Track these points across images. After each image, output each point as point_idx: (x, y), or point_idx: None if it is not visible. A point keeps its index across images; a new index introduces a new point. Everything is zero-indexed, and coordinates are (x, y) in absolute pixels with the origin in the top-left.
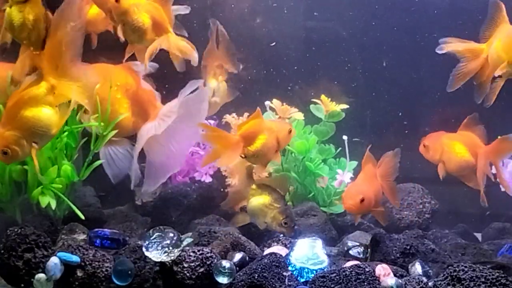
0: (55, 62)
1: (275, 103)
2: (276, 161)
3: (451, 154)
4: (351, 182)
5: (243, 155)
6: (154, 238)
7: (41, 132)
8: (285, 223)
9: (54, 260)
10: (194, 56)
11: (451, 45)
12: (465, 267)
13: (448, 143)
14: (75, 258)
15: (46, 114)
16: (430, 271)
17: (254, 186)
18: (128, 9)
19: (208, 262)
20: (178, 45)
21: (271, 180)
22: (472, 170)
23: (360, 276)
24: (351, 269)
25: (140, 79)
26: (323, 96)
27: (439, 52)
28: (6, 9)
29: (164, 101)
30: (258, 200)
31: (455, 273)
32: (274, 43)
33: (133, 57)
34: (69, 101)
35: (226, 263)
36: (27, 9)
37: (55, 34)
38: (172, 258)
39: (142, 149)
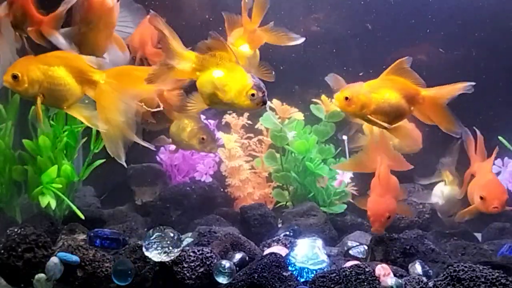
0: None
1: (275, 103)
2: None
3: None
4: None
5: None
6: (154, 238)
7: (55, 93)
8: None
9: (54, 260)
10: None
11: None
12: (465, 267)
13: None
14: (75, 258)
15: (72, 89)
16: (430, 271)
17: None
18: None
19: (208, 262)
20: None
21: None
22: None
23: (360, 276)
24: (351, 269)
25: None
26: (323, 96)
27: None
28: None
29: None
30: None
31: (455, 273)
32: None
33: None
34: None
35: (226, 263)
36: None
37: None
38: (172, 258)
39: None
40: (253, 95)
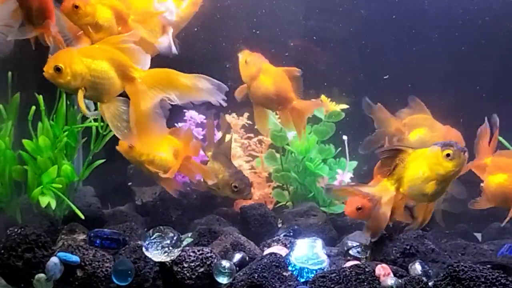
0: (169, 80)
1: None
2: None
3: None
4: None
5: None
6: (154, 238)
7: (98, 86)
8: None
9: (54, 260)
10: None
11: None
12: (465, 267)
13: None
14: (75, 258)
15: (114, 83)
16: (430, 271)
17: None
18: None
19: (208, 262)
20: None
21: None
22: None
23: (360, 276)
24: (351, 269)
25: None
26: (323, 96)
27: None
28: None
29: None
30: None
31: (455, 273)
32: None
33: None
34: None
35: (226, 263)
36: None
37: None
38: (172, 258)
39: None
40: (448, 155)
